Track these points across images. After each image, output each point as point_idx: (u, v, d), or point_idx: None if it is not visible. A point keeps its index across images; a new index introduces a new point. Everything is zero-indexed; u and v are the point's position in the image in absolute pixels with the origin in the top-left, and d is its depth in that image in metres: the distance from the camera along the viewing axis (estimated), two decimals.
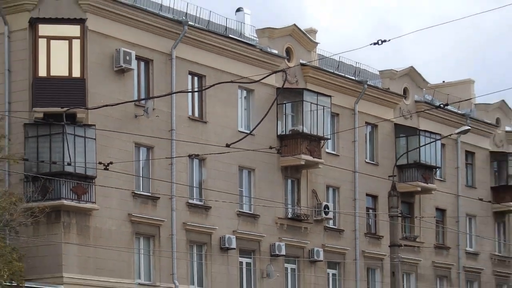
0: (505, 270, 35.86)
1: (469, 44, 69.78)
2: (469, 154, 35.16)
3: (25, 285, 21.30)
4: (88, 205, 22.46)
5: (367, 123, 30.83)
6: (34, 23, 21.98)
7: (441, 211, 33.99)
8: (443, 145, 33.44)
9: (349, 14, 70.53)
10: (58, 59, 22.33)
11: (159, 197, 23.52)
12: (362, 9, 74.90)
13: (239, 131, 25.03)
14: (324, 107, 27.68)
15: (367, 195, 30.69)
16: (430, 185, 32.39)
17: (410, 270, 31.62)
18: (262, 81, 20.68)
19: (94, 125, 21.90)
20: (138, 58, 23.44)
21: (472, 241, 35.64)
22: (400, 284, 22.32)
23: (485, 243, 34.94)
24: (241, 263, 26.12)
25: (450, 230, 33.98)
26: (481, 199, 30.31)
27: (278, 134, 26.85)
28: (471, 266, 34.21)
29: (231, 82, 22.24)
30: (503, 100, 36.17)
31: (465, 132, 25.06)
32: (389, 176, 22.85)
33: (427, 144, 30.61)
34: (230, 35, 26.05)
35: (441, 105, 21.53)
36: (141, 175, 23.98)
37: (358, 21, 70.54)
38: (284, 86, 26.36)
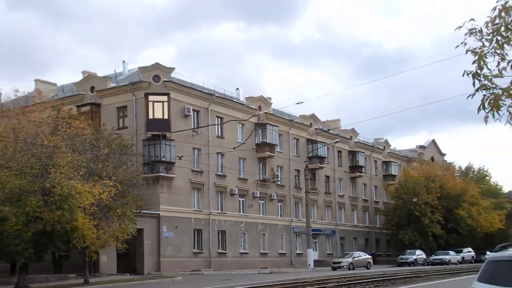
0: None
1: None
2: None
3: (143, 211, 38.11)
4: (171, 175, 42.35)
5: (295, 138, 55.11)
6: (146, 95, 43.19)
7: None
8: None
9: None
10: (157, 110, 42.53)
11: (203, 171, 46.00)
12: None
13: (238, 141, 48.40)
14: (274, 131, 51.39)
15: (295, 169, 54.79)
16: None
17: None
18: (248, 120, 44.74)
19: (174, 139, 42.45)
20: (193, 110, 45.26)
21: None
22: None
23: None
24: (239, 201, 49.48)
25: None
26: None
27: (256, 143, 50.74)
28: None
29: (235, 120, 45.93)
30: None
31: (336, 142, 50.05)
32: (304, 161, 47.21)
33: (319, 148, 55.05)
34: (234, 100, 49.70)
35: (326, 130, 46.20)
36: (194, 161, 45.12)
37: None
38: (257, 122, 50.22)
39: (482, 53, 7.97)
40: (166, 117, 42.78)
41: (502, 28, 7.99)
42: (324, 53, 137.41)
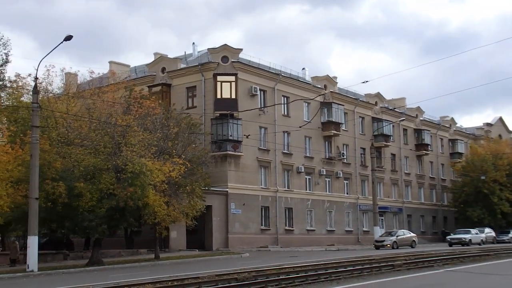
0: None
1: None
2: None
3: (211, 188, 37.47)
4: (238, 153, 41.24)
5: (360, 117, 52.53)
6: (215, 75, 42.03)
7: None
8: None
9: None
10: (225, 90, 41.48)
11: (269, 150, 44.42)
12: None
13: (304, 120, 46.79)
14: (339, 109, 49.24)
15: (361, 148, 52.43)
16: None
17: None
18: (314, 99, 42.94)
19: (241, 118, 41.15)
20: (260, 90, 43.82)
21: None
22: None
23: None
24: (306, 178, 47.92)
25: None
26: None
27: (322, 121, 48.80)
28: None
29: (301, 99, 44.19)
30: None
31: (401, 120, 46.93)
32: (370, 139, 44.76)
33: (385, 126, 52.55)
34: (300, 79, 47.91)
35: (391, 109, 43.24)
36: (261, 140, 43.55)
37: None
38: (323, 101, 48.21)
39: None
40: (233, 96, 41.75)
41: None
42: (387, 34, 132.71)
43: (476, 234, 46.86)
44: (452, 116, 71.23)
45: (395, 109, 57.74)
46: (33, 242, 23.42)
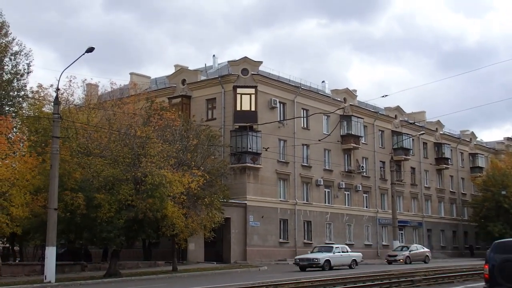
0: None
1: None
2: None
3: (230, 200, 36.60)
4: (257, 165, 40.53)
5: (380, 130, 51.37)
6: (235, 87, 41.45)
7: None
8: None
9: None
10: (245, 103, 40.80)
11: (288, 162, 43.62)
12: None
13: (324, 133, 45.95)
14: (359, 123, 48.26)
15: (380, 161, 51.31)
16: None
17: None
18: (334, 112, 42.13)
19: (260, 130, 40.49)
20: (280, 102, 43.00)
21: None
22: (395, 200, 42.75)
23: None
24: (325, 191, 46.90)
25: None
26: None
27: (341, 134, 47.90)
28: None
29: (321, 112, 43.40)
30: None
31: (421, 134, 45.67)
32: (389, 153, 43.64)
33: (405, 139, 51.68)
34: (319, 92, 47.18)
35: (411, 123, 42.27)
36: (280, 152, 42.93)
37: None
38: (343, 114, 47.35)
39: None
40: (253, 109, 41.07)
41: None
42: (405, 47, 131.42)
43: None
44: (472, 130, 69.67)
45: (415, 123, 56.60)
46: (51, 253, 22.97)
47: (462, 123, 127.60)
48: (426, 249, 43.60)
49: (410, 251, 40.80)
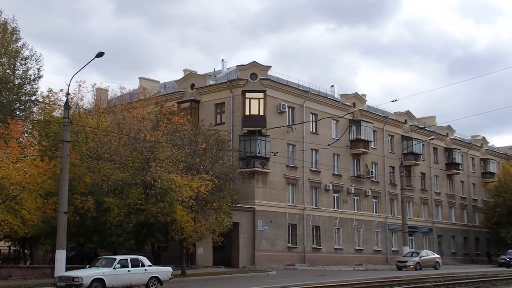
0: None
1: None
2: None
3: (238, 205, 36.90)
4: (266, 170, 40.69)
5: (390, 135, 51.68)
6: (243, 92, 41.54)
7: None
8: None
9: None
10: (253, 107, 41.06)
11: (297, 167, 43.94)
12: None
13: (333, 138, 46.19)
14: (368, 127, 48.48)
15: (390, 166, 51.44)
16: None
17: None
18: (343, 116, 42.45)
19: (269, 135, 40.67)
20: (288, 107, 43.28)
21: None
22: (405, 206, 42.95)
23: None
24: (334, 196, 47.13)
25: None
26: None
27: (350, 139, 48.21)
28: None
29: (330, 117, 43.73)
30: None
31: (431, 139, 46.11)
32: (399, 158, 43.93)
33: (415, 144, 52.02)
34: (328, 97, 47.53)
35: (421, 127, 42.43)
36: (289, 157, 43.08)
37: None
38: (352, 119, 47.75)
39: None
40: (262, 113, 41.40)
41: None
42: (413, 53, 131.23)
43: None
44: (483, 135, 69.63)
45: (425, 128, 56.74)
46: (61, 256, 23.32)
47: (472, 129, 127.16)
48: (436, 255, 43.59)
49: (420, 257, 40.79)
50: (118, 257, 22.81)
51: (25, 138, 28.74)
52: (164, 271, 23.86)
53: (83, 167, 27.26)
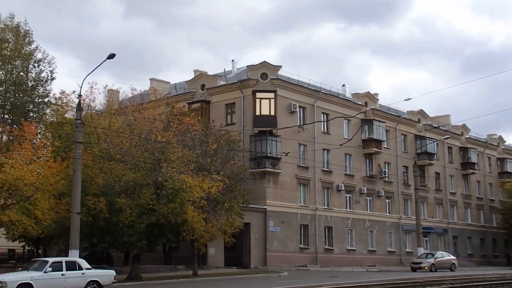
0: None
1: None
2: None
3: (249, 205, 37.27)
4: (277, 170, 41.09)
5: (403, 134, 52.06)
6: (254, 92, 42.06)
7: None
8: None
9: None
10: (264, 107, 41.43)
11: (308, 167, 44.34)
12: None
13: (344, 137, 46.48)
14: (381, 127, 48.75)
15: (403, 166, 51.56)
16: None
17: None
18: (355, 116, 42.79)
19: (280, 135, 41.11)
20: (299, 106, 43.69)
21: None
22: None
23: None
24: (346, 196, 47.45)
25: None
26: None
27: (362, 139, 48.49)
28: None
29: (341, 116, 44.12)
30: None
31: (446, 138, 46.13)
32: (412, 158, 44.18)
33: (428, 144, 52.21)
34: (340, 96, 47.88)
35: (435, 126, 42.63)
36: (300, 157, 43.53)
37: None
38: (364, 118, 48.09)
39: None
40: (272, 113, 41.77)
41: None
42: (425, 51, 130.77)
43: None
44: (499, 134, 69.39)
45: (439, 127, 56.81)
46: (74, 256, 23.89)
47: (487, 127, 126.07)
48: (452, 257, 43.53)
49: (435, 258, 40.78)
50: (51, 260, 21.50)
51: (38, 139, 29.45)
52: (105, 275, 22.55)
53: (95, 168, 27.84)
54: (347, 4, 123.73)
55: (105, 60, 24.79)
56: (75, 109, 27.07)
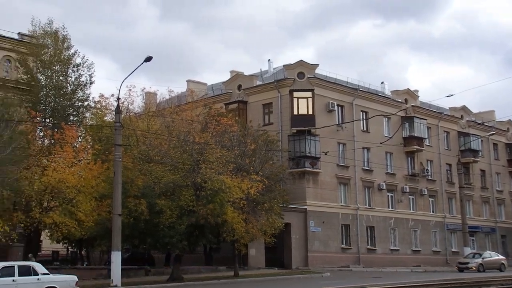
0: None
1: None
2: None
3: (289, 206, 36.99)
4: (316, 170, 41.05)
5: (445, 131, 51.14)
6: (291, 91, 42.01)
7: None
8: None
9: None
10: (302, 106, 41.45)
11: (348, 166, 44.07)
12: None
13: (385, 135, 45.77)
14: (422, 124, 47.88)
15: (446, 163, 50.56)
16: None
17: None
18: (395, 114, 42.23)
19: (318, 134, 40.93)
20: (337, 105, 43.63)
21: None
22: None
23: None
24: (388, 196, 46.82)
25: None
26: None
27: (403, 136, 47.74)
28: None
29: (381, 114, 43.60)
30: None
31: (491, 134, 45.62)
32: (456, 155, 43.29)
33: (472, 141, 50.78)
34: (379, 94, 47.35)
35: (479, 123, 41.75)
36: (339, 156, 43.33)
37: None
38: (404, 115, 47.47)
39: None
40: (310, 112, 41.65)
41: None
42: (466, 45, 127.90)
43: None
44: None
45: (483, 123, 55.42)
46: (116, 258, 24.27)
47: None
48: (501, 257, 42.16)
49: (483, 258, 39.55)
50: (1, 264, 19.37)
51: (79, 142, 30.11)
52: (65, 281, 20.45)
53: (135, 170, 28.22)
54: (383, 0, 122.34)
55: (142, 63, 25.14)
56: (114, 112, 27.54)
